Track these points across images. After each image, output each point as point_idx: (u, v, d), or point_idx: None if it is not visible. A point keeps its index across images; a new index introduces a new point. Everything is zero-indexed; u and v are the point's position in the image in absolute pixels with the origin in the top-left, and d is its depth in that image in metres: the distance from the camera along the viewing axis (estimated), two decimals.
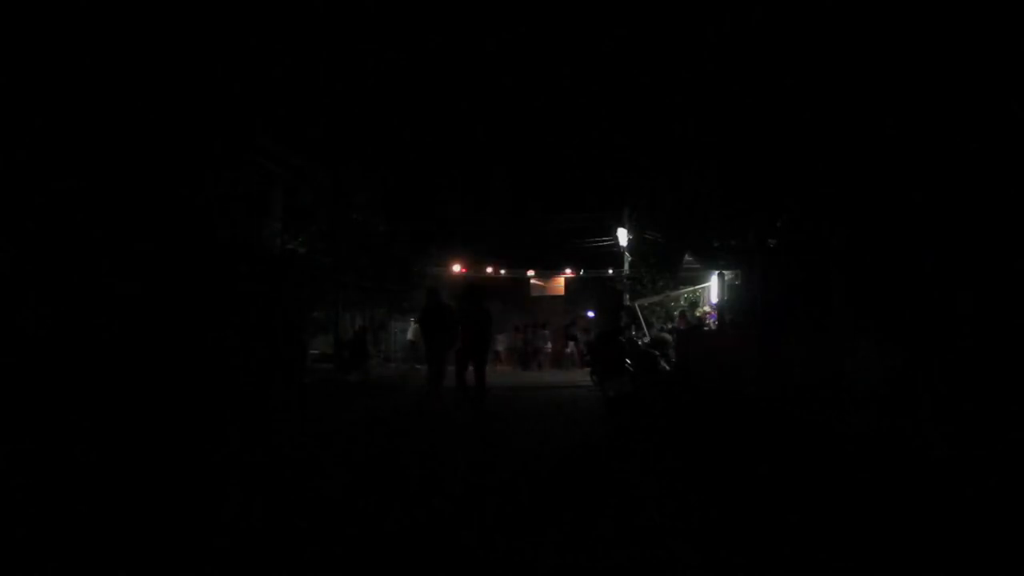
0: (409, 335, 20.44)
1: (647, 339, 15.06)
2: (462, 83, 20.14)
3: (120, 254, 7.76)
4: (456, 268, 24.31)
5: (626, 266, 21.58)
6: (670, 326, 16.42)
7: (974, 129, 5.90)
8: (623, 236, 21.49)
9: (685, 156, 12.09)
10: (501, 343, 23.46)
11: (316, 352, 16.15)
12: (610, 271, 23.77)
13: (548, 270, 27.15)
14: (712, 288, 17.30)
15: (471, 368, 9.77)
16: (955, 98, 6.05)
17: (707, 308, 17.35)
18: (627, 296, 20.24)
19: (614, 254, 23.06)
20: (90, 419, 6.74)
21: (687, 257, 15.73)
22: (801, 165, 8.43)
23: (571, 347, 22.51)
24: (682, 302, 18.81)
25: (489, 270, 25.85)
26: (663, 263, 18.86)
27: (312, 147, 13.85)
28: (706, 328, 15.09)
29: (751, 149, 9.58)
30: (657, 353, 11.66)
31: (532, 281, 27.78)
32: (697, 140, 11.30)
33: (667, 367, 12.65)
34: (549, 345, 24.26)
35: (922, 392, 5.15)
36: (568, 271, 26.91)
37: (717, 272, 15.90)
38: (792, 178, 8.77)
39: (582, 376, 15.87)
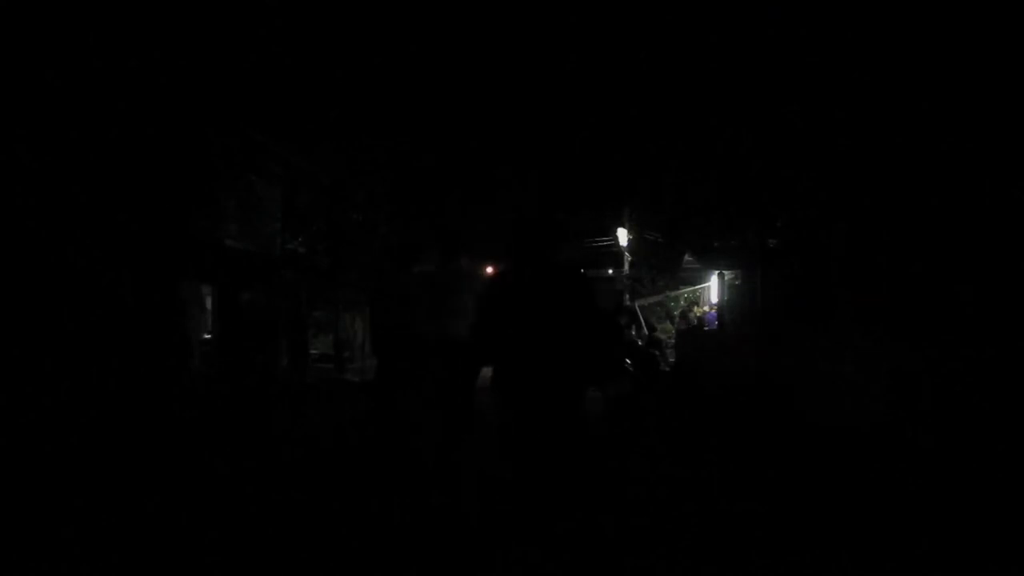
0: None
1: (646, 337, 15.07)
2: (463, 83, 20.08)
3: (115, 254, 7.75)
4: None
5: (626, 266, 21.56)
6: (659, 327, 16.41)
7: (973, 129, 5.90)
8: (623, 236, 21.47)
9: (685, 158, 12.10)
10: None
11: (316, 352, 16.12)
12: (610, 271, 23.75)
13: None
14: (712, 288, 17.32)
15: None
16: (954, 99, 6.05)
17: (706, 308, 17.36)
18: (627, 296, 20.25)
19: (614, 254, 23.01)
20: (89, 419, 6.74)
21: (687, 257, 15.73)
22: (801, 166, 8.44)
23: None
24: (682, 302, 18.82)
25: (489, 270, 25.80)
26: (663, 263, 18.88)
27: (312, 146, 13.82)
28: (706, 328, 15.10)
29: (751, 150, 9.59)
30: (657, 353, 11.66)
31: None
32: (697, 141, 11.32)
33: (665, 367, 12.66)
34: None
35: (922, 391, 5.15)
36: None
37: (717, 272, 15.91)
38: (792, 179, 8.78)
39: None
